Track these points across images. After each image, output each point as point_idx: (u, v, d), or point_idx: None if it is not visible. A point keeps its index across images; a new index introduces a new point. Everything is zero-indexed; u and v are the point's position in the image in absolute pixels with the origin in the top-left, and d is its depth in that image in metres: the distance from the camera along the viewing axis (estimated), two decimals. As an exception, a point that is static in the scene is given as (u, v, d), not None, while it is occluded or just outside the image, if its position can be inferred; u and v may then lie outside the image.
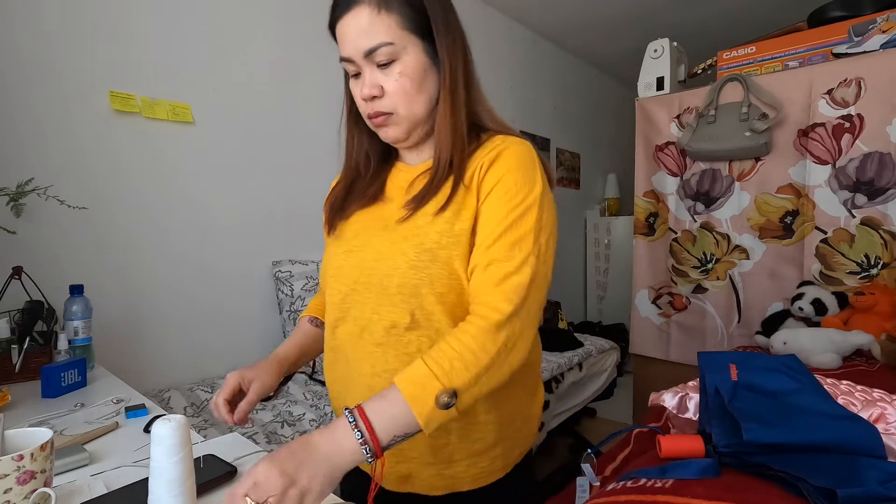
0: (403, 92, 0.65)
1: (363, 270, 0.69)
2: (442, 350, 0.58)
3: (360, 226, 0.73)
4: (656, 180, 2.33)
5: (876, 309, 1.65)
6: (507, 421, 0.72)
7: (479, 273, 0.63)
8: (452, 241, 0.64)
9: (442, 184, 0.66)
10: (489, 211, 0.64)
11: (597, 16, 3.25)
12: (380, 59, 0.63)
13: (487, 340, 0.58)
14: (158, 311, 1.69)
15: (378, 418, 0.54)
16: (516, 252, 0.62)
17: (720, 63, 2.13)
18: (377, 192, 0.74)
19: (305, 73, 2.07)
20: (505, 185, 0.64)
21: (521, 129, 3.39)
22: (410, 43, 0.64)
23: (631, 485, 0.74)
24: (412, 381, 0.55)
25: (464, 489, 0.71)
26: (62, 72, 1.48)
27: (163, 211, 1.70)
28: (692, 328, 2.25)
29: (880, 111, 1.75)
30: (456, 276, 0.64)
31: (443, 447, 0.68)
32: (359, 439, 0.52)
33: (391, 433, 0.54)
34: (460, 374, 0.56)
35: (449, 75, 0.66)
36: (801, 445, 0.69)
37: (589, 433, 2.55)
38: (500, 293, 0.60)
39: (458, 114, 0.67)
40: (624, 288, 3.45)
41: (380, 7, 0.62)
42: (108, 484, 0.64)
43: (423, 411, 0.54)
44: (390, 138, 0.70)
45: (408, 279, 0.64)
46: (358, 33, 0.63)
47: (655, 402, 0.98)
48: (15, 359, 1.11)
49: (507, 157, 0.66)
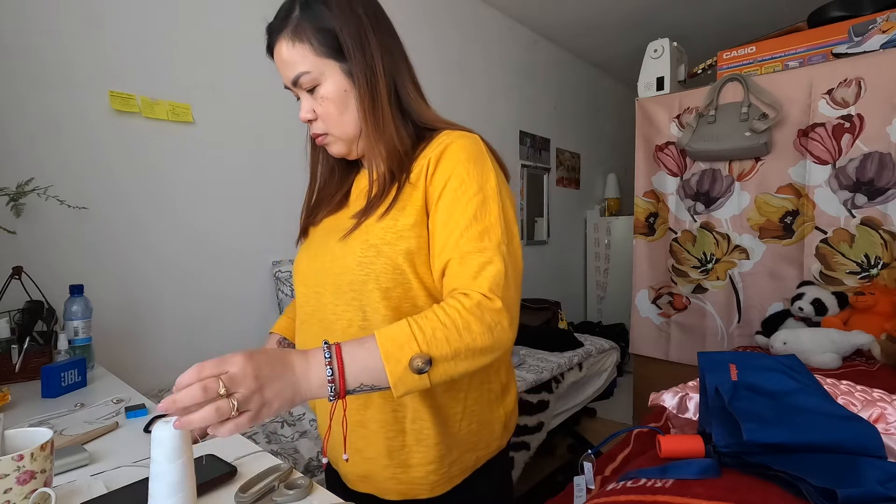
0: (328, 114, 0.68)
1: (321, 272, 0.71)
2: (427, 317, 0.57)
3: (324, 231, 0.75)
4: (656, 180, 2.33)
5: (876, 309, 1.65)
6: (464, 423, 0.70)
7: (453, 266, 0.62)
8: (395, 237, 0.65)
9: (387, 194, 0.68)
10: (448, 205, 0.64)
11: (597, 16, 3.26)
12: (305, 86, 0.67)
13: (472, 320, 0.57)
14: (159, 310, 1.69)
15: (351, 362, 0.54)
16: (486, 242, 0.61)
17: (720, 63, 2.13)
18: (343, 199, 0.77)
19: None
20: (458, 177, 0.64)
21: (521, 130, 3.39)
22: (327, 67, 0.66)
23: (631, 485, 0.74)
24: (391, 338, 0.55)
25: (422, 497, 0.70)
26: (62, 72, 1.47)
27: (163, 211, 1.70)
28: (692, 328, 2.25)
29: (880, 111, 1.75)
30: (400, 271, 0.65)
31: (399, 449, 0.68)
32: (329, 376, 0.53)
33: (360, 380, 0.54)
34: (441, 345, 0.55)
35: (366, 94, 0.67)
36: (801, 445, 0.69)
37: (589, 433, 2.55)
38: (480, 283, 0.59)
39: (385, 128, 0.68)
40: (624, 288, 3.46)
41: (293, 38, 0.65)
42: (108, 484, 0.64)
43: (396, 370, 0.54)
44: (335, 154, 0.74)
45: (356, 276, 0.66)
46: (282, 65, 0.67)
47: (655, 402, 0.98)
48: (15, 359, 1.11)
49: (455, 150, 0.66)
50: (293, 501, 0.59)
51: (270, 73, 2.02)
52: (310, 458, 1.26)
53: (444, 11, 2.76)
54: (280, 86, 0.72)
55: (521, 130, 3.39)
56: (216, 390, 0.46)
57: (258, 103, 1.93)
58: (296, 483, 0.63)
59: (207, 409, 0.45)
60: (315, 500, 0.60)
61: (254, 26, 1.93)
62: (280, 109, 2.00)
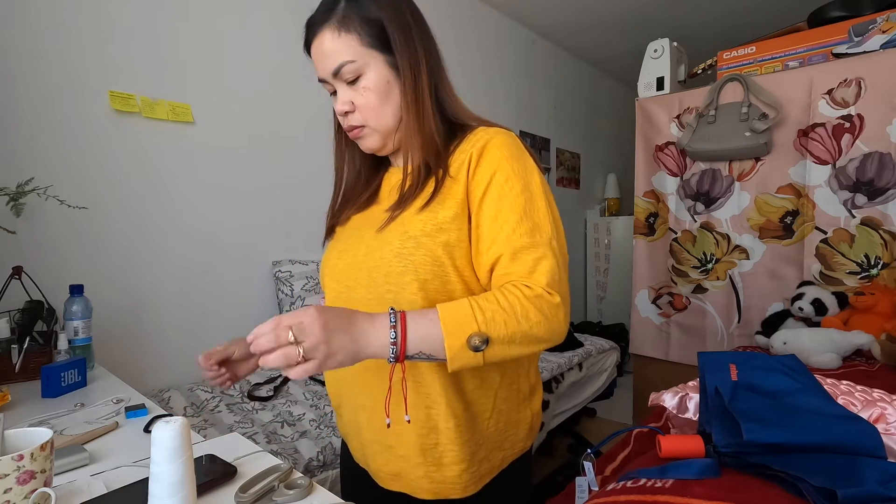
0: (370, 106, 0.69)
1: (353, 266, 0.71)
2: (488, 299, 0.60)
3: (353, 227, 0.76)
4: (656, 180, 2.33)
5: (876, 309, 1.65)
6: (492, 421, 0.72)
7: (505, 261, 0.64)
8: (435, 229, 0.66)
9: (423, 186, 0.69)
10: (495, 200, 0.65)
11: (597, 16, 3.25)
12: (346, 76, 0.67)
13: (532, 309, 0.60)
14: (159, 310, 1.69)
15: (414, 330, 0.58)
16: (538, 238, 0.64)
17: (720, 63, 2.13)
18: (371, 197, 0.78)
19: (306, 72, 2.07)
20: (504, 173, 0.65)
21: (521, 129, 3.39)
22: (372, 58, 0.67)
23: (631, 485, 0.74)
24: (453, 315, 0.58)
25: (455, 496, 0.70)
26: (62, 72, 1.48)
27: (163, 210, 1.70)
28: (692, 328, 2.25)
29: (880, 111, 1.75)
30: (439, 263, 0.66)
31: (432, 447, 0.68)
32: (392, 339, 0.56)
33: (419, 348, 0.58)
34: (498, 327, 0.58)
35: (409, 86, 0.68)
36: (801, 445, 0.69)
37: (589, 433, 2.55)
38: (538, 278, 0.62)
39: (425, 121, 0.69)
40: (624, 288, 3.46)
41: (339, 29, 0.66)
42: (108, 484, 0.64)
43: (454, 345, 0.57)
44: (368, 148, 0.74)
45: (393, 267, 0.66)
46: (324, 56, 0.67)
47: (655, 402, 0.98)
48: (15, 359, 1.11)
49: (497, 146, 0.67)
50: (293, 501, 0.59)
51: (270, 74, 2.03)
52: (310, 458, 1.26)
53: (443, 11, 2.76)
54: (280, 85, 0.73)
55: (521, 130, 3.39)
56: (286, 339, 0.51)
57: (258, 103, 1.93)
58: (296, 483, 0.63)
59: (277, 353, 0.51)
60: (315, 500, 0.60)
61: (254, 26, 1.93)
62: (280, 109, 2.00)
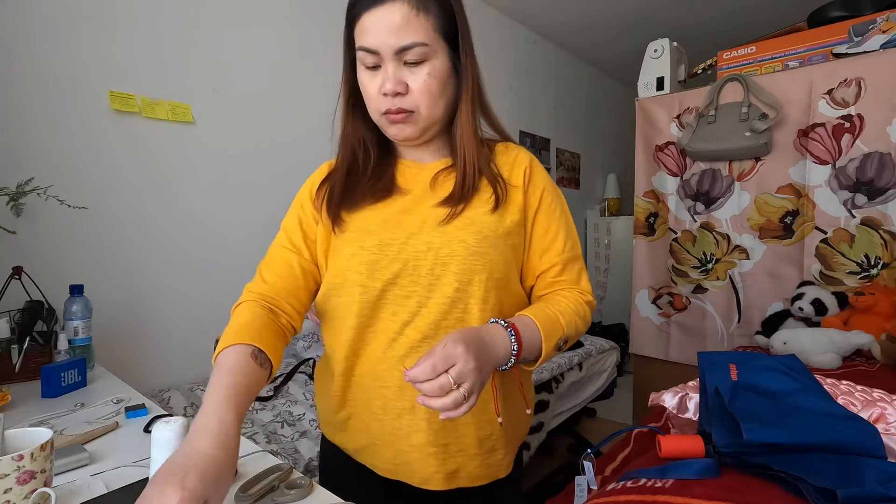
0: (429, 92, 0.66)
1: (409, 262, 0.67)
2: (560, 303, 0.70)
3: (383, 218, 0.70)
4: (656, 180, 2.32)
5: (876, 309, 1.65)
6: (514, 404, 0.77)
7: (558, 270, 0.74)
8: (506, 232, 0.70)
9: (478, 183, 0.71)
10: (547, 215, 0.74)
11: (597, 16, 3.25)
12: (410, 57, 0.63)
13: (587, 311, 0.72)
14: (159, 310, 1.69)
15: (525, 337, 0.63)
16: (577, 251, 0.75)
17: (720, 63, 2.13)
18: (389, 187, 0.73)
19: (306, 72, 2.07)
20: (550, 192, 0.75)
21: (521, 129, 3.39)
22: (440, 47, 0.66)
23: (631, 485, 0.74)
24: (548, 320, 0.66)
25: (501, 476, 0.76)
26: (62, 72, 1.47)
27: (163, 211, 1.70)
28: (692, 328, 2.25)
29: (880, 111, 1.75)
30: (508, 263, 0.70)
31: (487, 438, 0.73)
32: (514, 350, 0.61)
33: (524, 353, 0.63)
34: (571, 329, 0.68)
35: (472, 82, 0.70)
36: (801, 445, 0.69)
37: (589, 433, 2.55)
38: (584, 285, 0.75)
39: (477, 119, 0.72)
40: (624, 288, 3.45)
41: (418, 7, 0.62)
42: (108, 484, 0.64)
43: (548, 347, 0.64)
44: (403, 136, 0.69)
45: (467, 265, 0.66)
46: (391, 29, 0.62)
47: (655, 402, 0.98)
48: (15, 359, 1.11)
49: (540, 166, 0.76)
50: (293, 501, 0.59)
51: (270, 74, 2.03)
52: (310, 458, 1.26)
53: (444, 11, 2.76)
54: (280, 85, 0.72)
55: (521, 130, 3.39)
56: (450, 386, 0.53)
57: (258, 103, 1.93)
58: (296, 483, 0.63)
59: (445, 400, 0.53)
60: (315, 500, 0.60)
61: (255, 26, 1.93)
62: (280, 109, 2.00)
